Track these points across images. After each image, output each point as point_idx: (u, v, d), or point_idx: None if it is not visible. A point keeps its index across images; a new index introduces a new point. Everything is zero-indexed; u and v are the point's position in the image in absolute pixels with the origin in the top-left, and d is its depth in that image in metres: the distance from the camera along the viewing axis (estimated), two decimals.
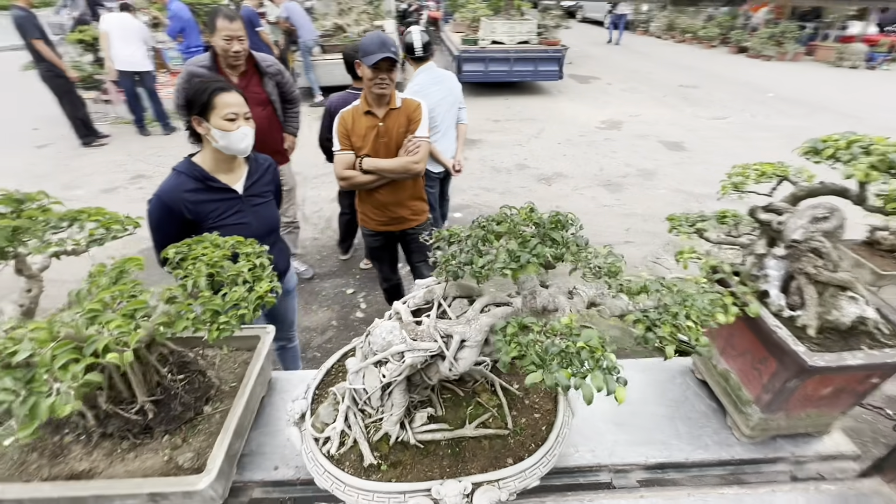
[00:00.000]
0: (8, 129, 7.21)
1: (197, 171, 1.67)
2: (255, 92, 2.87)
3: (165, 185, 1.65)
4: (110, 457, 1.12)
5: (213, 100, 1.58)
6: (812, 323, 1.13)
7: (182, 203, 1.62)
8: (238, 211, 1.75)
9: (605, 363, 0.63)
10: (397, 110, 2.33)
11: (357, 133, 2.29)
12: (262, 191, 1.85)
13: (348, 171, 2.35)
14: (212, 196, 1.69)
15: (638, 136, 6.96)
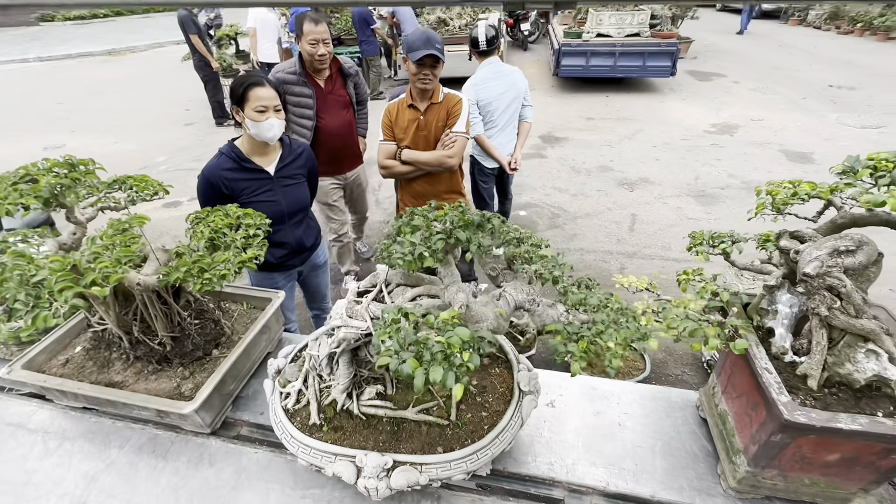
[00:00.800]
0: (167, 108, 8.83)
1: (235, 153, 1.92)
2: (341, 95, 2.99)
3: (209, 164, 1.94)
4: (138, 375, 1.39)
5: (247, 93, 1.82)
6: (814, 373, 0.96)
7: (220, 179, 1.90)
8: (268, 190, 1.99)
9: (455, 360, 0.64)
10: (438, 105, 2.41)
11: (399, 125, 2.43)
12: (293, 173, 2.07)
13: (389, 160, 2.52)
14: (245, 175, 1.94)
15: (754, 143, 6.07)
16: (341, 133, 3.01)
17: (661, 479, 1.21)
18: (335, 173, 3.18)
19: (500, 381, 1.27)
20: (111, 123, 8.24)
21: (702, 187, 4.93)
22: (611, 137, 6.47)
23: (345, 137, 3.06)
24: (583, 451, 1.30)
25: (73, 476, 1.26)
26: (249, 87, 1.82)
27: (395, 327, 0.70)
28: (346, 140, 3.08)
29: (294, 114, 2.87)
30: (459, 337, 0.67)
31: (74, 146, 7.19)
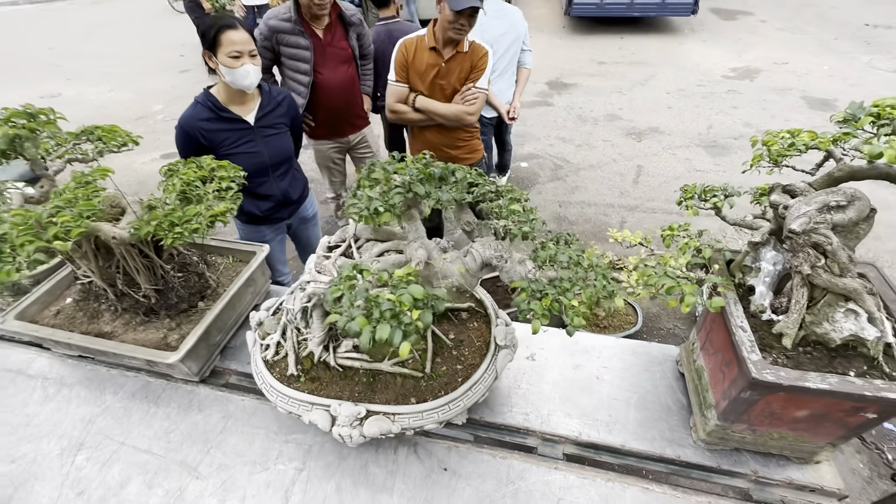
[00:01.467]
0: (160, 53, 8.49)
1: (211, 102, 1.81)
2: (341, 48, 2.63)
3: (185, 114, 1.83)
4: (127, 326, 1.42)
5: (219, 37, 1.68)
6: (789, 332, 0.94)
7: (197, 130, 1.81)
8: (249, 140, 1.90)
9: (404, 319, 0.63)
10: (463, 55, 2.21)
11: (416, 67, 2.22)
12: (274, 122, 1.96)
13: (400, 105, 2.31)
14: (224, 126, 1.84)
15: (775, 89, 5.72)
16: (342, 90, 2.69)
17: (634, 430, 1.24)
18: (335, 136, 2.87)
19: (478, 336, 1.27)
20: (104, 70, 7.98)
21: (714, 137, 4.71)
22: (622, 83, 6.12)
23: (346, 95, 2.73)
24: (559, 402, 1.32)
25: (71, 419, 1.33)
26: (221, 31, 1.70)
27: (348, 284, 0.68)
28: (347, 98, 2.75)
29: (289, 67, 2.59)
30: (411, 295, 0.65)
31: (70, 95, 7.02)
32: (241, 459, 1.22)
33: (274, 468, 1.20)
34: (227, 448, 1.24)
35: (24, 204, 1.05)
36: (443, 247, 0.99)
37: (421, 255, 0.78)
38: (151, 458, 1.23)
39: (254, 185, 2.01)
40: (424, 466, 1.18)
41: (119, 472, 1.20)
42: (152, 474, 1.19)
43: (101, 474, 1.20)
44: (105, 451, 1.25)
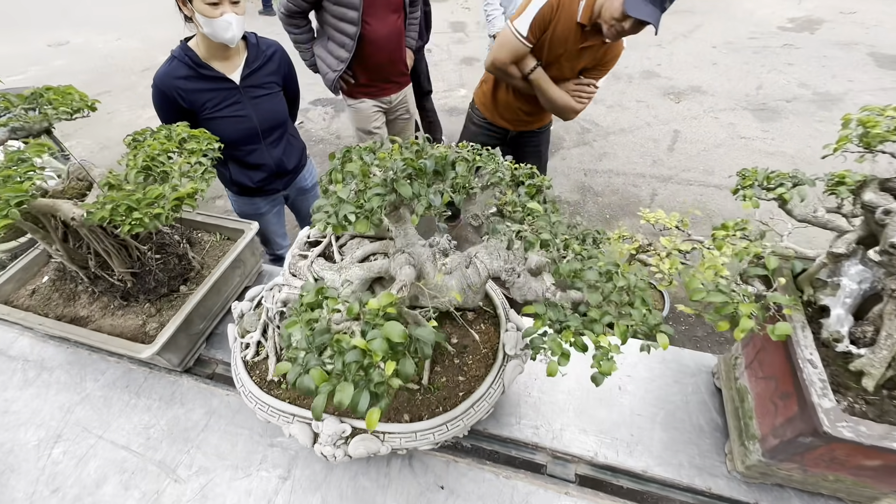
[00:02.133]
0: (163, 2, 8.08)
1: (189, 57, 1.57)
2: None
3: (160, 70, 1.60)
4: (105, 310, 1.31)
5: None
6: (874, 371, 0.75)
7: (175, 90, 1.59)
8: (235, 102, 1.67)
9: (374, 374, 0.47)
10: (602, 46, 1.82)
11: (557, 36, 1.77)
12: (263, 81, 1.71)
13: (512, 66, 1.88)
14: (205, 85, 1.61)
15: (838, 43, 5.06)
16: (389, 44, 2.31)
17: (659, 452, 1.09)
18: (378, 95, 2.49)
19: (484, 340, 1.11)
20: (112, 16, 7.68)
21: (763, 99, 4.23)
22: (662, 35, 5.52)
23: (392, 50, 2.36)
24: (573, 415, 1.18)
25: (50, 407, 1.26)
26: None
27: (306, 318, 0.51)
28: (392, 54, 2.37)
29: (333, 15, 2.17)
30: (387, 338, 0.48)
31: (78, 43, 6.81)
32: (223, 463, 1.12)
33: (257, 475, 1.10)
34: (208, 449, 1.15)
35: None
36: (443, 248, 0.80)
37: (407, 275, 0.61)
38: (129, 456, 1.15)
39: (242, 154, 1.80)
40: (419, 483, 1.07)
41: (95, 470, 1.12)
42: (129, 474, 1.12)
43: (78, 471, 1.13)
44: (83, 445, 1.17)
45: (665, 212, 1.23)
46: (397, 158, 0.58)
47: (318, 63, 2.37)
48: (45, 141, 0.91)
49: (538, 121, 2.24)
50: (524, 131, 2.27)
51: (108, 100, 5.20)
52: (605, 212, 3.21)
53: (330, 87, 2.36)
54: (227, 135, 1.62)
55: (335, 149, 4.17)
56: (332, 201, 0.56)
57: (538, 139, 2.35)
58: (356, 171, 0.61)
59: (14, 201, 0.76)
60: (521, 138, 2.32)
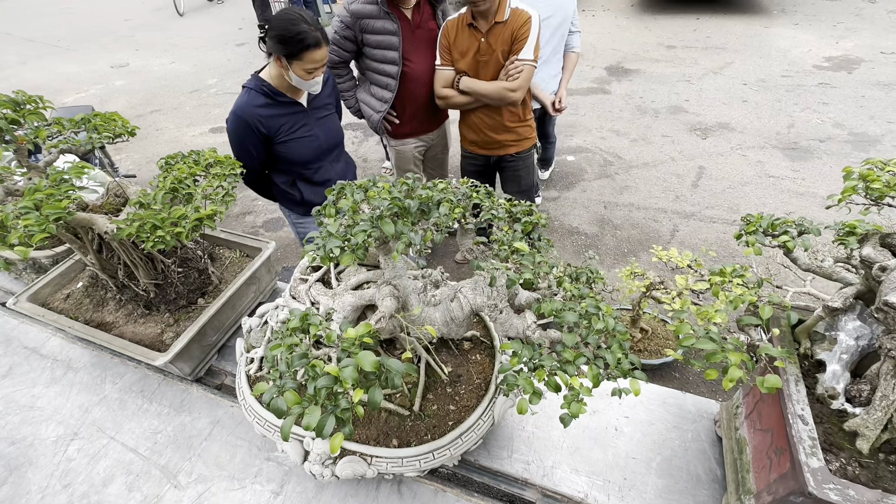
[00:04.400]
0: (221, 28, 8.72)
1: (265, 87, 1.73)
2: (430, 28, 2.24)
3: (240, 102, 1.74)
4: (129, 317, 1.41)
5: (303, 54, 1.61)
6: (868, 433, 0.72)
7: (255, 118, 1.74)
8: (305, 124, 1.85)
9: (341, 401, 0.50)
10: (503, 24, 2.03)
11: (458, 47, 2.10)
12: (324, 103, 1.91)
13: (446, 89, 2.22)
14: (281, 111, 1.78)
15: (878, 84, 4.92)
16: (431, 80, 2.28)
17: (651, 500, 1.06)
18: (420, 132, 2.48)
19: (479, 371, 1.13)
20: (170, 42, 8.33)
21: (795, 138, 4.13)
22: (692, 71, 5.52)
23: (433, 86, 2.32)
24: (567, 453, 1.16)
25: (71, 406, 1.34)
26: (307, 50, 1.61)
27: (289, 343, 0.56)
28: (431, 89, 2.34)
29: (373, 58, 2.21)
30: (359, 367, 0.52)
31: (137, 65, 7.40)
32: (221, 473, 1.17)
33: (251, 487, 1.14)
34: (208, 458, 1.20)
35: (6, 198, 1.02)
36: (434, 280, 0.84)
37: (387, 307, 0.65)
38: (136, 459, 1.20)
39: (311, 172, 1.99)
40: None
41: (104, 469, 1.19)
42: (134, 476, 1.17)
43: (88, 469, 1.19)
44: (96, 445, 1.24)
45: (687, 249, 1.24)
46: (385, 197, 0.63)
47: (363, 108, 2.45)
48: (85, 164, 1.02)
49: (513, 143, 2.37)
50: (504, 156, 2.44)
51: (157, 118, 5.59)
52: (623, 246, 3.18)
53: (374, 128, 2.45)
54: (300, 154, 1.91)
55: (362, 172, 4.33)
56: (322, 234, 0.61)
57: (517, 164, 2.48)
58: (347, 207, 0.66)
59: (53, 217, 0.85)
60: (501, 163, 2.49)
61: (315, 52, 1.62)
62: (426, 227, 0.64)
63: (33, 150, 1.08)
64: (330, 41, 2.17)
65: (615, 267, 3.00)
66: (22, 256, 0.79)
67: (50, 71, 7.34)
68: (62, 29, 9.51)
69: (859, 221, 1.01)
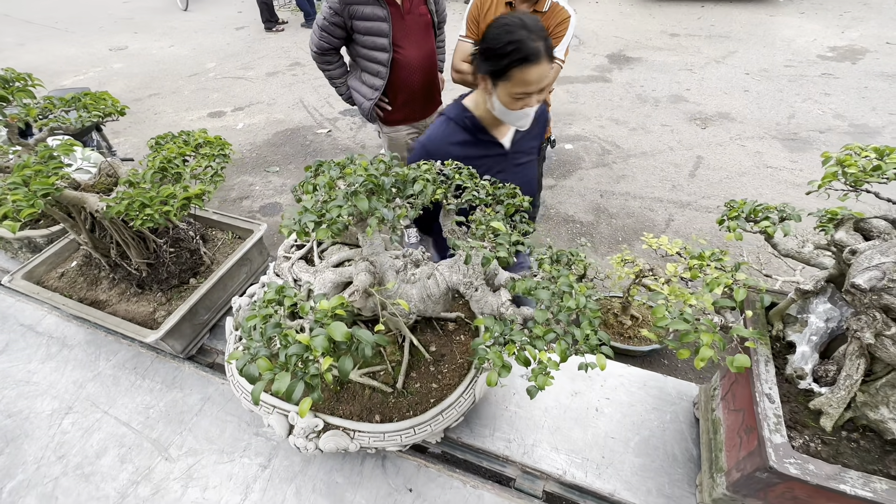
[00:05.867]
0: (220, 11, 8.61)
1: (468, 121, 1.42)
2: (421, 13, 2.19)
3: (433, 134, 1.45)
4: (122, 296, 1.43)
5: (511, 72, 1.24)
6: (831, 411, 0.75)
7: (448, 155, 1.36)
8: (500, 171, 1.49)
9: (311, 368, 0.52)
10: (542, 15, 1.98)
11: (487, 22, 1.96)
12: (528, 147, 1.54)
13: (465, 64, 2.07)
14: (479, 151, 1.45)
15: (882, 75, 4.87)
16: (423, 66, 2.27)
17: (628, 477, 1.10)
18: (413, 119, 2.48)
19: (462, 351, 1.15)
20: (169, 25, 8.24)
21: (795, 129, 4.11)
22: (694, 60, 5.46)
23: (427, 72, 2.32)
24: (548, 432, 1.19)
25: (66, 382, 1.37)
26: (517, 66, 1.22)
27: (264, 314, 0.58)
28: (428, 76, 2.34)
29: (363, 45, 2.16)
30: (329, 336, 0.54)
31: (136, 48, 7.33)
32: (211, 446, 1.20)
33: (239, 461, 1.17)
34: (198, 432, 1.23)
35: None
36: (415, 259, 0.86)
37: (361, 281, 0.66)
38: (129, 432, 1.24)
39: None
40: (389, 484, 1.11)
41: (98, 442, 1.22)
42: (127, 449, 1.20)
43: (82, 441, 1.22)
44: (90, 419, 1.27)
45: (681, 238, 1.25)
46: (361, 174, 0.64)
47: (354, 95, 2.41)
48: (74, 141, 1.03)
49: None
50: None
51: (156, 101, 5.57)
52: (617, 234, 3.19)
53: (366, 116, 2.40)
54: None
55: None
56: (298, 210, 0.63)
57: None
58: (322, 184, 0.67)
59: (41, 192, 0.86)
60: None
61: (528, 71, 1.22)
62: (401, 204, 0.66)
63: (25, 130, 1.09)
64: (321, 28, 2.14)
65: (609, 255, 3.02)
66: (11, 231, 0.80)
67: (48, 53, 7.29)
68: (60, 11, 9.40)
69: (841, 208, 1.03)
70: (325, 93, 5.43)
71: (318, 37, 2.15)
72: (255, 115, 5.00)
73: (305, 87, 5.64)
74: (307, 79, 5.85)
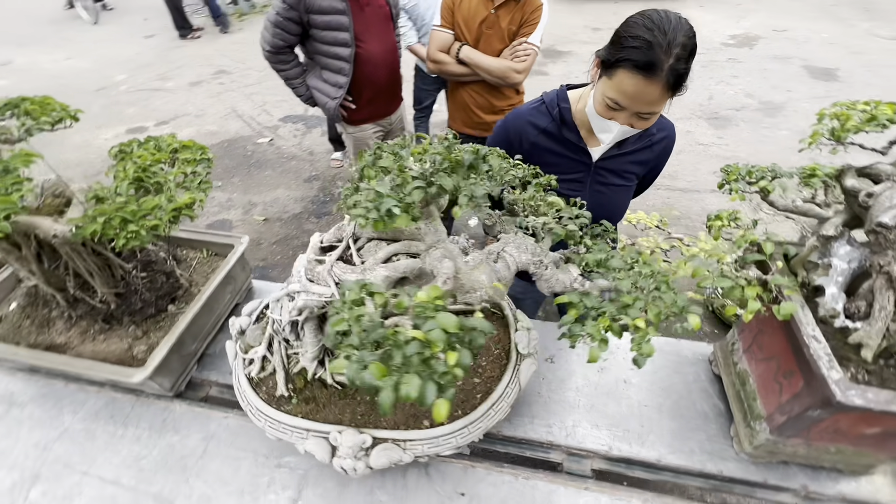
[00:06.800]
0: (123, 19, 7.82)
1: (560, 111, 1.28)
2: (380, 5, 2.14)
3: (520, 108, 1.33)
4: (84, 336, 1.22)
5: (616, 68, 1.10)
6: (871, 342, 0.80)
7: (522, 136, 1.31)
8: (576, 181, 1.35)
9: (437, 365, 0.46)
10: (515, 3, 1.99)
11: (463, 12, 2.00)
12: (624, 169, 1.35)
13: (442, 54, 2.08)
14: (558, 148, 1.30)
15: (775, 57, 5.53)
16: (386, 61, 2.20)
17: (670, 441, 1.12)
18: (378, 117, 2.38)
19: (495, 341, 1.12)
20: (62, 36, 7.33)
21: (715, 108, 4.53)
22: None
23: (390, 67, 2.25)
24: (584, 411, 1.19)
25: (24, 446, 1.14)
26: (626, 66, 1.08)
27: (355, 314, 0.50)
28: (391, 71, 2.27)
29: (322, 41, 2.03)
30: (443, 328, 0.48)
31: (23, 62, 6.43)
32: (227, 489, 1.06)
33: (265, 498, 1.04)
34: (208, 476, 1.08)
35: None
36: (462, 247, 0.81)
37: (447, 269, 0.61)
38: (120, 492, 1.06)
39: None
40: (438, 493, 1.04)
41: None
42: None
43: None
44: (65, 484, 1.07)
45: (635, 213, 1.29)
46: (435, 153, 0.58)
47: (316, 95, 2.27)
48: (32, 152, 0.85)
49: None
50: None
51: None
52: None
53: (331, 115, 2.28)
54: None
55: (309, 167, 4.11)
56: (369, 196, 0.55)
57: None
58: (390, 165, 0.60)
59: (2, 214, 0.70)
60: None
61: (632, 79, 1.07)
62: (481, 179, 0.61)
63: None
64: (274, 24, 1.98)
65: None
66: None
67: None
68: None
69: (818, 165, 1.13)
70: (261, 100, 5.11)
71: (270, 34, 1.99)
72: (182, 128, 4.58)
73: (236, 95, 5.27)
74: (236, 87, 5.48)
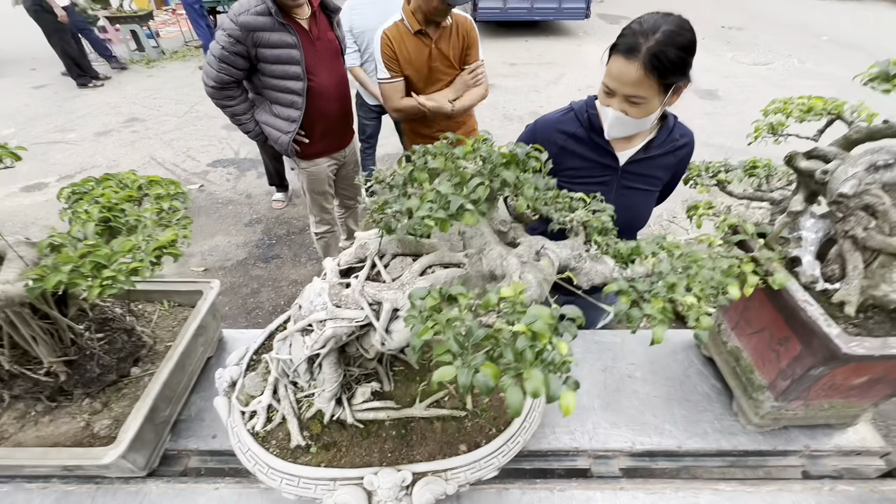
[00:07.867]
0: (4, 68, 7.01)
1: (589, 117, 1.30)
2: (330, 39, 2.12)
3: (549, 114, 1.37)
4: (22, 420, 1.01)
5: (609, 57, 1.17)
6: (852, 299, 0.90)
7: (552, 142, 1.31)
8: (603, 184, 1.36)
9: (550, 356, 0.43)
10: (449, 29, 2.04)
11: (404, 55, 2.00)
12: (650, 173, 1.37)
13: (407, 100, 2.08)
14: (586, 152, 1.32)
15: None
16: (338, 94, 2.20)
17: (684, 427, 1.15)
18: (332, 150, 2.35)
19: None
20: None
21: None
22: (536, 83, 6.36)
23: (342, 100, 2.25)
24: (600, 412, 1.19)
25: None
26: (614, 51, 1.16)
27: (445, 319, 0.46)
28: (343, 104, 2.27)
29: (272, 75, 1.99)
30: (543, 321, 0.46)
31: None
32: None
33: None
34: None
35: None
36: None
37: (514, 266, 0.58)
38: None
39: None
40: None
41: None
42: None
43: None
44: None
45: None
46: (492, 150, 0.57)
47: (267, 130, 2.16)
48: None
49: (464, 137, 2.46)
50: None
51: None
52: None
53: (285, 151, 2.18)
54: None
55: (249, 210, 3.87)
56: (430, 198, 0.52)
57: None
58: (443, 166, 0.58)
59: None
60: None
61: (615, 61, 1.14)
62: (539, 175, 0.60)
63: None
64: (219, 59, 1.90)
65: None
66: None
67: None
68: None
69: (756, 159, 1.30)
70: (183, 146, 4.78)
71: (216, 69, 1.89)
72: None
73: (154, 142, 4.89)
74: (152, 134, 5.09)
